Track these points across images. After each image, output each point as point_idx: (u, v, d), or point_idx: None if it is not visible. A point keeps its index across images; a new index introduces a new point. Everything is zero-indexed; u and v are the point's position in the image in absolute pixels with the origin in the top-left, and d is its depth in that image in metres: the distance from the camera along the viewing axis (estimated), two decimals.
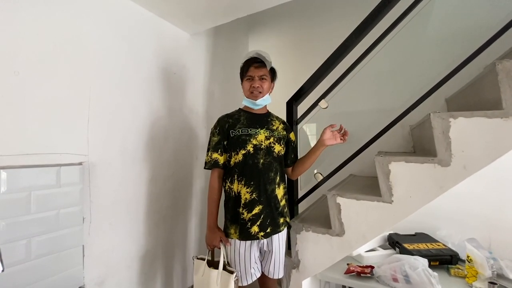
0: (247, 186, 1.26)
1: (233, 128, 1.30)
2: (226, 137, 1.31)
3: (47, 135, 1.18)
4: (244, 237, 1.25)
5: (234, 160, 1.28)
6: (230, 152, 1.30)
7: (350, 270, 1.43)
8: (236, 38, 2.59)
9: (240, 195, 1.26)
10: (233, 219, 1.28)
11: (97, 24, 1.37)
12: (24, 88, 1.11)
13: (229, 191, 1.30)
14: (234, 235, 1.27)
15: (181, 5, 1.57)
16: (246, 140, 1.27)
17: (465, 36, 1.66)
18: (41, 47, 1.16)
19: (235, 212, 1.27)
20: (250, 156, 1.27)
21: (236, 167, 1.28)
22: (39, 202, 1.13)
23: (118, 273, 1.49)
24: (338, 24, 2.12)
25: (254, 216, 1.25)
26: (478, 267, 1.34)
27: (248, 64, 1.32)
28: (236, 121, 1.33)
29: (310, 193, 1.59)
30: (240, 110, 1.40)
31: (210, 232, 1.30)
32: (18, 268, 1.07)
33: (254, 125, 1.32)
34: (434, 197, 1.11)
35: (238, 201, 1.27)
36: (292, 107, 1.56)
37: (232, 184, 1.29)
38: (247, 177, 1.26)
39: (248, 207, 1.25)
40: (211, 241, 1.29)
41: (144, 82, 1.63)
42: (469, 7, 1.76)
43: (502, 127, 1.00)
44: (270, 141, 1.31)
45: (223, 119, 1.35)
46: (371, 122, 1.64)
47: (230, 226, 1.29)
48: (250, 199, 1.25)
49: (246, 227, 1.24)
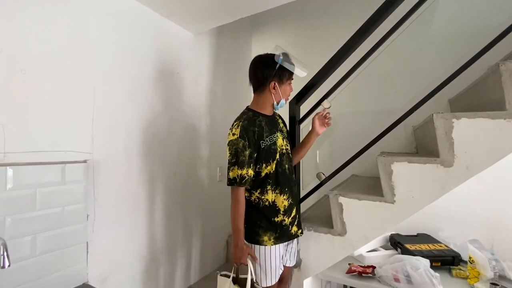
0: (283, 194, 1.23)
1: (262, 139, 1.20)
2: (257, 149, 1.19)
3: (53, 133, 1.20)
4: (285, 239, 1.25)
5: (266, 171, 1.21)
6: (261, 163, 1.20)
7: (351, 270, 1.44)
8: (240, 38, 2.59)
9: (275, 204, 1.22)
10: (269, 227, 1.22)
11: (102, 23, 1.39)
12: (30, 87, 1.13)
13: (259, 201, 1.22)
14: (269, 242, 1.21)
15: (185, 5, 1.58)
16: (276, 149, 1.23)
17: (469, 37, 1.66)
18: (48, 46, 1.18)
19: (272, 221, 1.22)
20: (279, 164, 1.23)
21: (269, 178, 1.21)
22: (44, 199, 1.15)
23: (121, 270, 1.50)
24: (341, 24, 2.12)
25: (293, 219, 1.27)
26: (480, 268, 1.34)
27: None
28: (260, 128, 1.21)
29: (312, 193, 1.59)
30: (255, 112, 1.26)
31: (239, 249, 1.18)
32: (23, 263, 1.09)
33: (273, 130, 1.26)
34: (436, 197, 1.11)
35: (274, 210, 1.22)
36: (295, 107, 1.57)
37: (263, 194, 1.22)
38: (281, 185, 1.23)
39: (287, 213, 1.25)
40: (240, 258, 1.18)
41: (148, 81, 1.64)
42: (473, 8, 1.75)
43: (505, 128, 1.00)
44: (284, 143, 1.29)
45: (249, 129, 1.18)
46: (373, 122, 1.65)
47: (263, 234, 1.22)
48: (288, 205, 1.24)
49: (289, 230, 1.25)
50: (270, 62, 1.21)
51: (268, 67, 1.22)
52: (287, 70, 1.22)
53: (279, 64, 1.20)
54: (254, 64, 1.26)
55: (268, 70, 1.22)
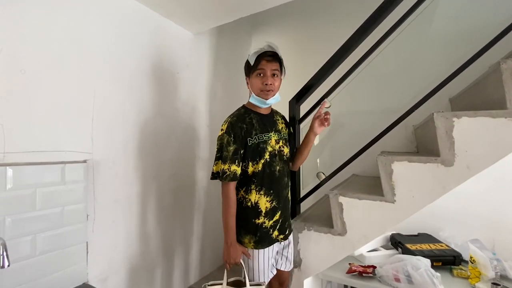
0: (267, 195, 1.20)
1: (250, 136, 1.18)
2: (243, 145, 1.17)
3: (52, 133, 1.20)
4: (264, 245, 1.21)
5: (252, 169, 1.19)
6: (247, 161, 1.18)
7: (352, 270, 1.43)
8: (239, 37, 2.59)
9: (258, 205, 1.19)
10: (249, 228, 1.20)
11: (101, 24, 1.39)
12: (30, 87, 1.13)
13: (243, 200, 1.21)
14: (249, 245, 1.20)
15: (185, 4, 1.58)
16: (264, 148, 1.20)
17: (469, 35, 1.65)
18: (47, 46, 1.18)
19: (252, 222, 1.20)
20: (268, 165, 1.20)
21: (254, 177, 1.19)
22: (44, 199, 1.15)
23: (121, 270, 1.50)
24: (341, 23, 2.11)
25: (275, 223, 1.23)
26: (481, 268, 1.33)
27: (259, 57, 1.18)
28: (250, 126, 1.19)
29: (313, 193, 1.59)
30: (247, 109, 1.25)
31: (232, 248, 1.15)
32: (23, 263, 1.09)
33: (266, 129, 1.23)
34: (437, 197, 1.11)
35: (256, 211, 1.20)
36: (295, 107, 1.56)
37: (247, 194, 1.20)
38: (267, 187, 1.20)
39: (269, 215, 1.21)
40: (233, 258, 1.16)
41: (148, 81, 1.64)
42: (473, 6, 1.74)
43: (506, 127, 0.99)
44: (279, 144, 1.26)
45: (236, 125, 1.17)
46: (374, 121, 1.64)
47: (244, 235, 1.21)
48: (270, 207, 1.21)
49: (269, 234, 1.21)
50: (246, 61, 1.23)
51: (245, 65, 1.25)
52: (248, 61, 1.22)
53: (247, 59, 1.22)
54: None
55: (245, 68, 1.26)
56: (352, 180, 1.79)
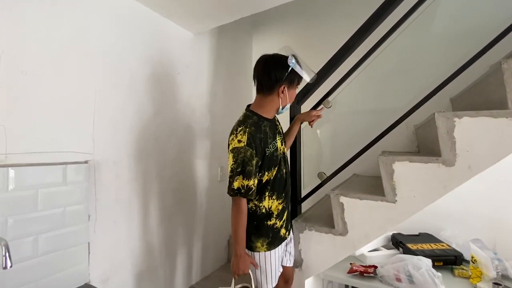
0: (279, 199, 1.21)
1: (267, 146, 1.14)
2: (262, 157, 1.13)
3: (54, 134, 1.20)
4: (275, 245, 1.21)
5: (267, 177, 1.16)
6: (263, 171, 1.14)
7: (353, 270, 1.43)
8: (240, 37, 2.59)
9: (271, 209, 1.20)
10: (262, 232, 1.19)
11: (102, 24, 1.39)
12: (31, 88, 1.13)
13: (256, 209, 1.18)
14: (261, 248, 1.19)
15: (185, 4, 1.58)
16: (278, 155, 1.19)
17: (471, 35, 1.65)
18: (48, 47, 1.18)
19: (264, 224, 1.19)
20: (278, 170, 1.20)
21: (268, 184, 1.17)
22: (46, 200, 1.15)
23: (123, 270, 1.50)
24: (342, 23, 2.11)
25: (283, 222, 1.25)
26: (483, 268, 1.33)
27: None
28: (265, 135, 1.15)
29: (313, 193, 1.59)
30: (260, 117, 1.18)
31: (241, 259, 1.14)
32: (25, 264, 1.09)
33: (274, 134, 1.21)
34: (438, 197, 1.11)
35: (268, 214, 1.20)
36: (295, 107, 1.56)
37: (261, 202, 1.17)
38: (278, 191, 1.21)
39: (280, 216, 1.23)
40: (243, 269, 1.14)
41: (148, 81, 1.64)
42: (475, 5, 1.74)
43: (507, 126, 0.99)
44: (283, 147, 1.26)
45: (256, 136, 1.10)
46: (375, 121, 1.64)
47: (256, 240, 1.19)
48: (281, 208, 1.23)
49: (279, 233, 1.23)
50: (283, 64, 1.13)
51: (280, 69, 1.13)
52: (298, 74, 1.16)
53: (291, 68, 1.13)
54: (266, 63, 1.16)
55: (280, 72, 1.13)
56: (353, 180, 1.79)
